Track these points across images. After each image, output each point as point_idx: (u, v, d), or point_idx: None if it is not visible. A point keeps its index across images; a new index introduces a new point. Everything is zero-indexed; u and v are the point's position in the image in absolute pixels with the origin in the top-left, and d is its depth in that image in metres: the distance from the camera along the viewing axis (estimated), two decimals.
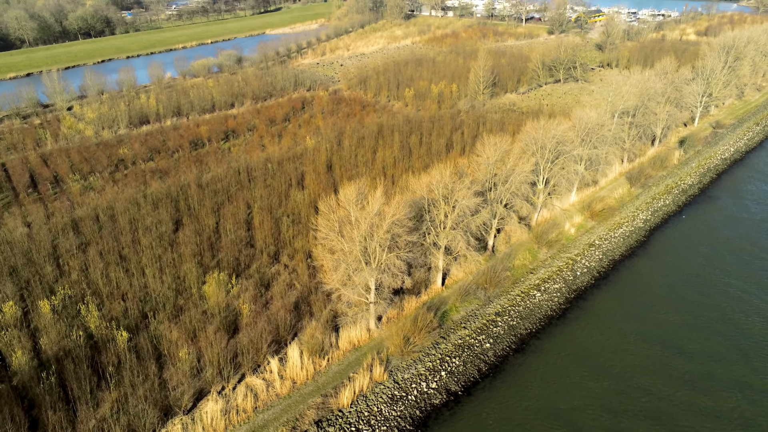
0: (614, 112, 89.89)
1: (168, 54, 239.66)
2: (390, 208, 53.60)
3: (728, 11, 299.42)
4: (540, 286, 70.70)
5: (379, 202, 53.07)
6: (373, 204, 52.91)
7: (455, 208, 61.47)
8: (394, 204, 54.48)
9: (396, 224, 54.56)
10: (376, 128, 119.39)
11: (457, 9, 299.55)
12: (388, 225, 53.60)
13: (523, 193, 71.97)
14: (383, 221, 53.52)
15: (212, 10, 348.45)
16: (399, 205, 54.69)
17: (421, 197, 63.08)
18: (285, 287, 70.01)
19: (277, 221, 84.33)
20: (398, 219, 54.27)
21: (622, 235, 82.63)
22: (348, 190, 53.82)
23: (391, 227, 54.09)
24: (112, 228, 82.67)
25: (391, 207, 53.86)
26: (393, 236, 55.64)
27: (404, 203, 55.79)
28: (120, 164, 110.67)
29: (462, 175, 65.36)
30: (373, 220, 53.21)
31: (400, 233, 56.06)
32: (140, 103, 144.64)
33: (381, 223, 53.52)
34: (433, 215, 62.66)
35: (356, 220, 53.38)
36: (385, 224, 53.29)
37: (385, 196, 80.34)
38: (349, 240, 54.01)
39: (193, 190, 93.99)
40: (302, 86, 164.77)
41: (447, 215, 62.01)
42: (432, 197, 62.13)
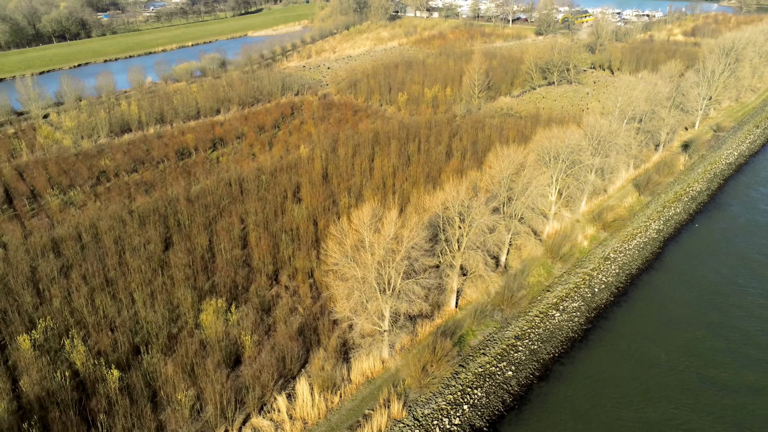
0: (623, 119, 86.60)
1: (147, 57, 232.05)
2: (407, 231, 49.10)
3: (710, 11, 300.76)
4: (558, 305, 66.84)
5: (395, 225, 48.51)
6: (388, 227, 48.34)
7: (472, 226, 57.18)
8: (411, 226, 49.99)
9: (414, 248, 50.09)
10: (372, 135, 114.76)
11: (443, 10, 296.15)
12: (406, 250, 49.11)
13: (536, 205, 68.05)
14: (400, 246, 49.02)
15: (191, 11, 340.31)
16: (416, 227, 50.22)
17: (435, 215, 58.62)
18: (287, 312, 65.11)
19: (273, 237, 79.29)
20: (416, 242, 49.80)
21: (637, 246, 79.28)
22: (361, 212, 49.17)
23: (408, 251, 49.59)
24: (96, 248, 76.84)
25: (408, 229, 49.36)
26: (410, 260, 51.17)
27: (421, 225, 51.28)
28: (102, 176, 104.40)
29: (477, 191, 61.16)
30: (389, 244, 48.65)
31: (417, 257, 51.59)
32: (121, 110, 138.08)
33: (398, 248, 49.00)
34: (449, 235, 58.28)
35: (371, 244, 48.77)
36: (402, 249, 48.79)
37: (392, 210, 76.28)
38: (363, 266, 49.38)
39: (182, 204, 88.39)
40: (290, 91, 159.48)
41: (464, 234, 57.68)
42: (447, 215, 57.71)
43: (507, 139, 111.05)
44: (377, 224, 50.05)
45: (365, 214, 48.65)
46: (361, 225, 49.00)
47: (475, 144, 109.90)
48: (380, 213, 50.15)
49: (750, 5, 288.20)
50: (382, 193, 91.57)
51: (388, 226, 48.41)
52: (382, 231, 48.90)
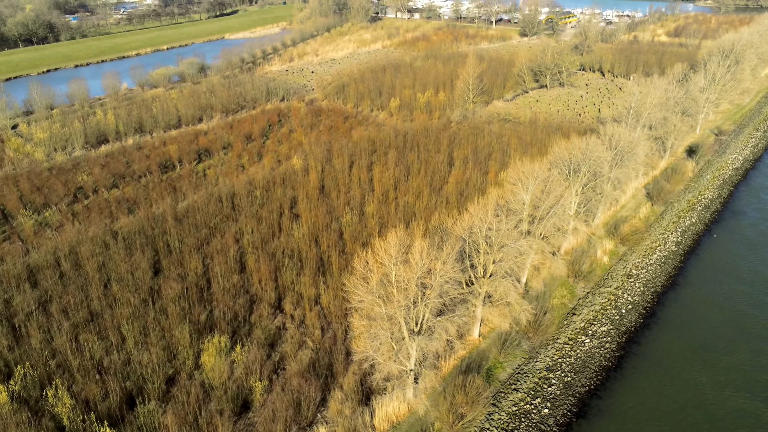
0: (636, 125, 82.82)
1: (121, 62, 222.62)
2: (439, 264, 43.82)
3: (688, 12, 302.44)
4: (587, 329, 62.35)
5: (427, 256, 43.18)
6: (419, 260, 42.98)
7: (502, 251, 52.18)
8: (444, 258, 44.72)
9: (447, 282, 44.87)
10: (368, 144, 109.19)
11: (424, 11, 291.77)
12: (440, 285, 43.86)
13: (562, 223, 63.51)
14: (432, 279, 43.73)
15: (164, 13, 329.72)
16: (449, 259, 44.97)
17: (459, 238, 53.47)
18: (296, 345, 59.32)
19: (273, 259, 73.27)
20: (450, 276, 44.59)
21: (658, 261, 75.42)
22: (388, 243, 43.73)
23: (442, 286, 44.34)
24: (77, 277, 69.78)
25: (441, 262, 44.09)
26: (442, 296, 45.94)
27: (453, 256, 46.05)
28: (79, 193, 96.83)
29: (503, 211, 56.24)
30: (422, 279, 43.32)
31: (448, 290, 46.38)
32: (97, 120, 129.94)
33: (430, 282, 43.70)
34: (474, 261, 53.18)
35: (399, 280, 43.37)
36: (435, 284, 43.51)
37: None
38: (391, 304, 43.96)
39: (170, 224, 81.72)
40: (275, 96, 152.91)
41: (491, 261, 52.65)
42: (473, 239, 52.60)
43: (509, 147, 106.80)
44: (405, 255, 44.65)
45: (392, 244, 43.20)
46: (387, 257, 43.53)
47: (477, 152, 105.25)
48: (407, 242, 44.75)
49: (728, 5, 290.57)
50: (385, 207, 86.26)
51: (419, 259, 43.06)
52: (412, 263, 43.53)
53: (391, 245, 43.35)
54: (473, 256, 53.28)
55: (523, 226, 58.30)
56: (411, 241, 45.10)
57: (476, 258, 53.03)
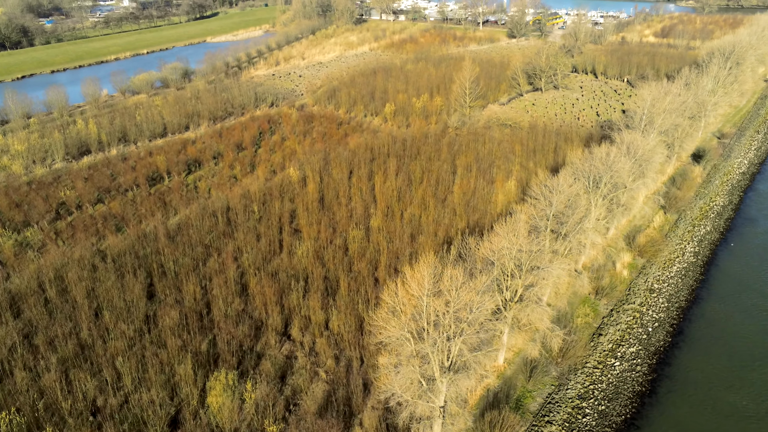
0: (650, 132, 79.89)
1: (99, 67, 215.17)
2: (478, 296, 39.81)
3: (672, 12, 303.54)
4: (615, 351, 58.94)
5: (462, 288, 39.15)
6: (455, 292, 38.93)
7: (533, 273, 48.38)
8: (480, 286, 40.74)
9: (483, 313, 40.90)
10: (366, 152, 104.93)
11: (409, 13, 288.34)
12: (479, 322, 39.85)
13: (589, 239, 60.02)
14: (470, 313, 39.71)
15: (143, 16, 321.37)
16: (485, 288, 41.00)
17: (487, 261, 49.53)
18: (308, 377, 54.88)
19: (276, 280, 68.61)
20: (488, 308, 40.63)
21: (678, 274, 72.48)
22: (419, 274, 39.59)
23: (477, 319, 40.34)
24: (64, 305, 64.39)
25: (478, 293, 40.10)
26: (480, 331, 41.93)
27: (486, 284, 42.08)
28: (62, 209, 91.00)
29: (534, 230, 52.52)
30: (458, 313, 39.27)
31: (483, 321, 42.41)
32: (77, 129, 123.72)
33: (466, 316, 39.68)
34: (503, 285, 49.29)
35: (434, 314, 39.31)
36: (474, 318, 39.48)
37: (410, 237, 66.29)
38: (422, 340, 39.88)
39: (162, 243, 76.55)
40: (264, 102, 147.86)
41: (521, 285, 48.84)
42: (502, 262, 48.68)
43: (513, 153, 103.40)
44: (437, 285, 40.56)
45: (423, 275, 39.05)
46: (419, 289, 39.38)
47: (479, 159, 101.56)
48: (439, 271, 40.68)
49: (711, 6, 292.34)
50: (390, 220, 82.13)
51: (453, 291, 38.98)
52: (445, 295, 39.45)
53: (423, 276, 39.17)
54: (500, 279, 49.38)
55: (545, 243, 54.61)
56: (442, 270, 40.98)
57: (504, 282, 49.13)
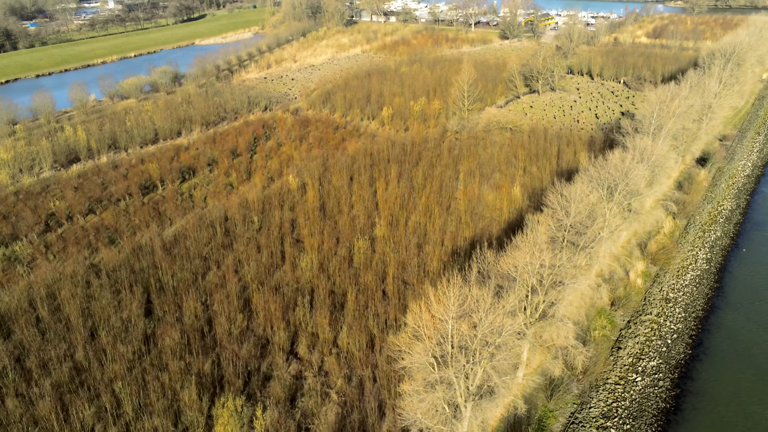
0: (660, 136, 78.17)
1: (86, 71, 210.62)
2: (507, 318, 37.47)
3: (661, 13, 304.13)
4: (636, 365, 56.92)
5: (492, 311, 36.77)
6: (483, 313, 36.56)
7: (556, 288, 46.16)
8: (508, 307, 38.40)
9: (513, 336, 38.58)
10: (366, 157, 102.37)
11: (400, 14, 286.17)
12: (504, 343, 37.51)
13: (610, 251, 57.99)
14: (498, 336, 37.35)
15: (129, 19, 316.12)
16: (511, 308, 38.69)
17: (507, 275, 47.18)
18: (319, 399, 52.21)
19: (278, 293, 65.84)
20: (518, 330, 38.31)
21: (692, 282, 70.75)
22: (446, 297, 37.14)
23: (506, 343, 37.99)
24: (57, 324, 61.14)
25: (507, 314, 37.77)
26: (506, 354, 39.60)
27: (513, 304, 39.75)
28: (51, 221, 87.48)
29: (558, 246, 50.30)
30: (486, 337, 36.89)
31: (508, 342, 40.07)
32: (65, 136, 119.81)
33: (493, 339, 37.31)
34: (524, 303, 46.98)
35: (460, 338, 36.90)
36: (503, 342, 37.13)
37: (417, 249, 63.77)
38: (447, 366, 37.46)
39: (159, 256, 73.45)
40: (257, 106, 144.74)
41: (542, 301, 46.59)
42: (524, 278, 46.35)
43: (516, 158, 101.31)
44: (464, 306, 38.16)
45: (451, 300, 36.59)
46: (445, 312, 36.94)
47: (482, 164, 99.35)
48: (467, 293, 38.27)
49: (701, 6, 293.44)
50: (394, 228, 79.67)
51: (483, 313, 36.61)
52: (473, 317, 37.05)
53: (451, 300, 36.70)
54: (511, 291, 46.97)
55: (563, 256, 52.39)
56: (468, 290, 38.57)
57: (525, 299, 46.82)
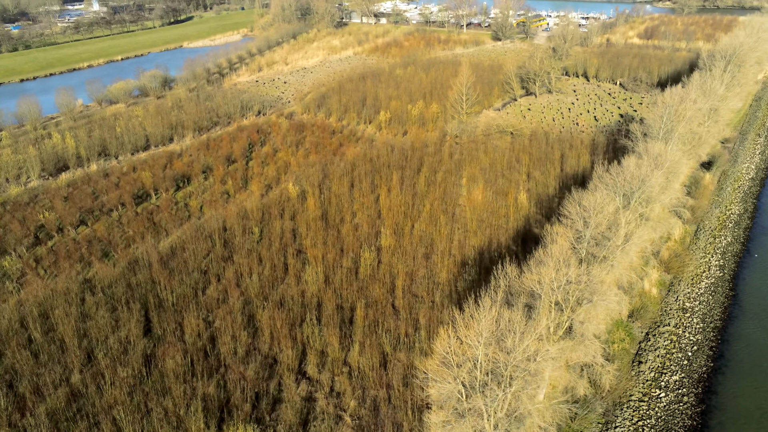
0: (669, 141, 76.63)
1: (72, 75, 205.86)
2: (542, 343, 35.25)
3: (649, 14, 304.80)
4: (658, 380, 55.05)
5: (526, 335, 34.51)
6: (517, 338, 34.29)
7: (583, 306, 44.04)
8: (541, 329, 36.18)
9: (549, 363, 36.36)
10: (365, 163, 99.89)
11: (391, 16, 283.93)
12: (539, 369, 35.28)
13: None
14: (532, 362, 35.11)
15: (115, 21, 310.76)
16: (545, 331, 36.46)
17: (532, 293, 44.97)
18: (331, 423, 49.64)
19: (283, 307, 63.18)
20: (554, 355, 36.10)
21: (708, 290, 69.15)
22: (476, 322, 34.81)
23: (542, 370, 35.76)
24: (50, 346, 57.97)
25: (540, 339, 35.55)
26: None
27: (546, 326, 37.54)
28: (41, 233, 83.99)
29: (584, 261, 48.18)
30: (520, 363, 34.62)
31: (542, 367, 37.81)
32: (53, 143, 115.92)
33: (528, 366, 35.06)
34: (548, 320, 44.80)
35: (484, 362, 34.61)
36: (535, 368, 34.89)
37: (426, 260, 61.64)
38: (477, 395, 35.15)
39: (156, 270, 70.45)
40: (250, 111, 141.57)
41: (568, 318, 44.46)
42: (547, 294, 44.18)
43: (519, 164, 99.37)
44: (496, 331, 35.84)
45: (485, 326, 34.24)
46: (476, 337, 34.61)
47: (484, 170, 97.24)
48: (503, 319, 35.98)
49: (691, 7, 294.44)
50: (399, 237, 77.29)
51: (516, 337, 34.34)
52: (507, 343, 34.77)
53: (484, 326, 34.35)
54: (542, 311, 44.84)
55: (589, 270, 50.34)
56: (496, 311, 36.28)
57: (548, 316, 44.61)
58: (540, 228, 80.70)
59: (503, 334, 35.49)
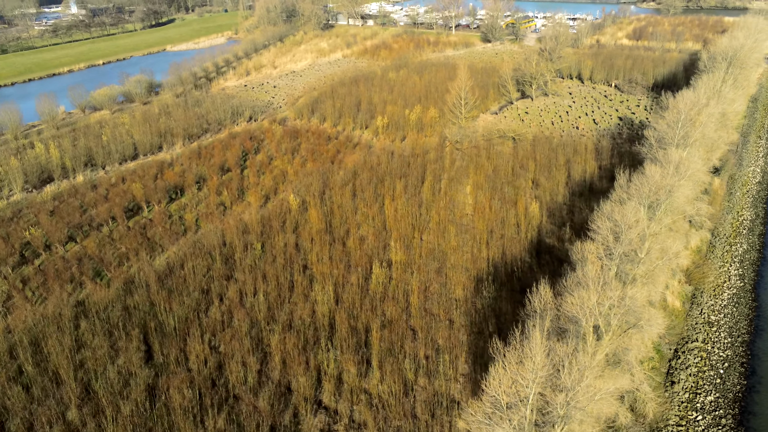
0: (686, 147, 74.47)
1: (52, 80, 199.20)
2: (598, 380, 32.20)
3: (636, 14, 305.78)
4: (693, 401, 52.50)
5: (586, 373, 31.44)
6: (576, 375, 31.21)
7: (628, 333, 41.18)
8: (596, 363, 33.17)
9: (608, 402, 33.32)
10: (366, 171, 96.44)
11: (378, 18, 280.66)
12: (600, 411, 32.27)
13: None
14: (591, 401, 32.04)
15: (95, 24, 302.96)
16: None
17: (572, 318, 41.95)
18: None
19: (292, 329, 59.56)
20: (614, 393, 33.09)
21: (731, 301, 66.99)
22: (535, 361, 31.62)
23: (602, 411, 32.73)
24: (43, 379, 53.61)
25: (595, 375, 32.50)
26: None
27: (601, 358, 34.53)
28: (27, 251, 79.19)
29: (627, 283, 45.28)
30: (578, 404, 31.53)
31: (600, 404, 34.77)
32: (36, 153, 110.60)
33: (587, 405, 32.00)
34: (587, 349, 41.78)
35: (538, 401, 31.47)
36: (595, 410, 31.87)
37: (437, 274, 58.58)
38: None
39: (154, 291, 66.28)
40: (241, 116, 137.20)
41: (606, 345, 41.54)
42: (588, 320, 41.19)
43: (525, 170, 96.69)
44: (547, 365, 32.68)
45: (538, 363, 31.06)
46: (532, 374, 31.44)
47: (489, 177, 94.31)
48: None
49: (676, 7, 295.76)
50: (408, 249, 74.01)
51: (576, 374, 31.25)
52: (564, 378, 31.65)
53: (533, 358, 31.21)
54: (588, 340, 41.82)
55: (634, 293, 47.50)
56: (548, 343, 33.16)
57: (584, 345, 41.53)
58: (552, 238, 78.25)
59: (556, 368, 32.38)
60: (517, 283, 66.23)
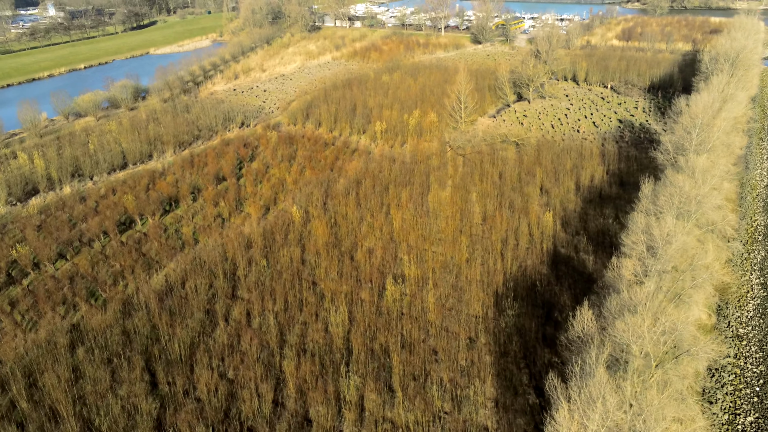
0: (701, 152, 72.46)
1: (31, 85, 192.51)
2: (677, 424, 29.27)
3: (623, 15, 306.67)
4: (734, 423, 50.04)
5: (661, 418, 28.49)
6: (653, 423, 28.25)
7: (679, 359, 38.47)
8: (663, 400, 30.22)
9: None
10: (369, 179, 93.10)
11: (366, 19, 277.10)
12: None
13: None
14: None
15: (74, 26, 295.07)
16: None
17: (620, 344, 39.07)
18: None
19: (306, 354, 56.04)
20: None
21: (757, 313, 64.88)
22: (606, 403, 28.58)
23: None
24: (39, 416, 49.35)
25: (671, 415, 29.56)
26: None
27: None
28: (14, 270, 74.50)
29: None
30: None
31: None
32: (19, 164, 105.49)
33: None
34: (633, 379, 38.95)
35: None
36: None
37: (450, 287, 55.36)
38: None
39: (154, 312, 62.22)
40: (232, 122, 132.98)
41: (653, 374, 38.75)
42: (636, 346, 38.36)
43: (530, 175, 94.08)
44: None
45: (611, 405, 28.00)
46: (602, 419, 28.41)
47: (496, 184, 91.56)
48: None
49: (663, 8, 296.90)
50: (420, 262, 70.83)
51: (651, 422, 28.29)
52: (638, 426, 28.67)
53: (606, 399, 28.14)
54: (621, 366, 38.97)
55: (686, 317, 44.77)
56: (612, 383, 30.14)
57: (626, 376, 38.66)
58: (568, 248, 75.54)
59: (623, 409, 29.40)
60: (538, 297, 63.39)
